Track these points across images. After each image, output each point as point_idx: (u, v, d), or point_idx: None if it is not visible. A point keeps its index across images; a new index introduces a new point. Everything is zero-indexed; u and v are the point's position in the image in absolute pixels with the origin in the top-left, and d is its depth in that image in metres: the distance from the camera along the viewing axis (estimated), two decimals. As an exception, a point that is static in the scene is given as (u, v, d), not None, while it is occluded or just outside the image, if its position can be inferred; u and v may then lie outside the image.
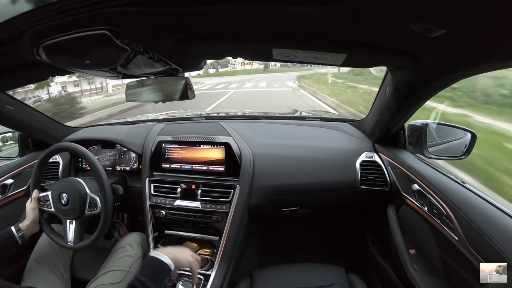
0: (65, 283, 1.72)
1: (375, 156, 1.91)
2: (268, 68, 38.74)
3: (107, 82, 25.28)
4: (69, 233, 1.68)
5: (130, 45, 0.86)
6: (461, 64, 1.00)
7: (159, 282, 1.16)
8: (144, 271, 1.18)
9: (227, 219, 1.81)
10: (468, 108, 5.02)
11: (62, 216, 1.67)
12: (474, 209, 1.18)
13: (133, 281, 1.12)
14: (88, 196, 1.65)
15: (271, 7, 0.70)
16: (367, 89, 11.59)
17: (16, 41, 0.88)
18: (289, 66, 35.18)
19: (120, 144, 2.18)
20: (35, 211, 1.66)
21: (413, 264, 1.53)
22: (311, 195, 1.95)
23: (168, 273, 1.21)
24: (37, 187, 1.73)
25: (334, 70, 19.45)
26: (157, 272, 1.18)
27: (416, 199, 1.54)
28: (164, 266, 1.20)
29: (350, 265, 1.84)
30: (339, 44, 0.90)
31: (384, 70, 1.53)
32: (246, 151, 1.92)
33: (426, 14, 0.68)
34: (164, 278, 1.20)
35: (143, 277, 1.14)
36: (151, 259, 1.23)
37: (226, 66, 46.30)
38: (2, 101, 1.76)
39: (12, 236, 1.54)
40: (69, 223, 1.68)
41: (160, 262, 1.21)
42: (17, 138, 2.25)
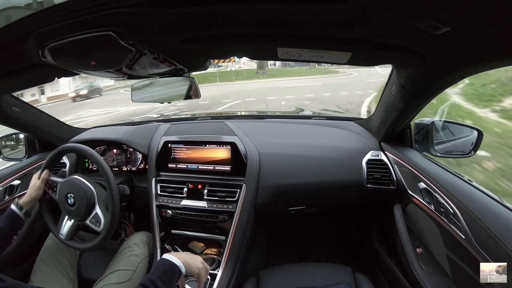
0: (72, 283, 1.73)
1: (381, 155, 1.90)
2: (264, 70, 25.25)
3: (42, 94, 24.58)
4: (64, 226, 1.71)
5: (135, 45, 0.87)
6: (467, 61, 0.99)
7: (169, 283, 1.16)
8: (155, 271, 1.19)
9: (234, 219, 1.81)
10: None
11: (63, 211, 1.70)
12: (481, 207, 1.17)
13: (144, 281, 1.12)
14: (95, 211, 1.65)
15: (276, 6, 0.70)
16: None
17: (22, 43, 0.88)
18: (292, 66, 28.16)
19: (126, 145, 2.19)
20: (39, 191, 1.69)
21: (419, 263, 1.53)
22: (317, 194, 1.95)
23: (178, 276, 1.22)
24: (49, 169, 1.74)
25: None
26: (167, 274, 1.18)
27: (422, 197, 1.54)
28: (174, 268, 1.20)
29: (356, 264, 1.83)
30: (344, 43, 0.90)
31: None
32: (252, 151, 1.93)
33: (430, 11, 0.67)
34: (174, 280, 1.20)
35: (153, 276, 1.14)
36: (162, 261, 1.23)
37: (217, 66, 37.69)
38: (9, 103, 1.77)
39: (16, 215, 1.56)
40: (68, 218, 1.70)
41: (171, 264, 1.21)
42: (23, 140, 2.27)
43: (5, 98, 1.72)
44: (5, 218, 1.54)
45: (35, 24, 0.79)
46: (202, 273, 1.30)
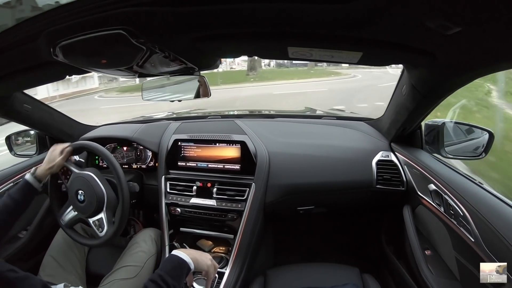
0: (80, 278, 1.75)
1: (391, 156, 1.89)
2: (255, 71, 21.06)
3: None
4: (67, 214, 1.74)
5: (146, 44, 0.88)
6: (479, 62, 0.98)
7: (178, 279, 1.17)
8: (165, 267, 1.19)
9: (242, 217, 1.82)
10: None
11: (71, 202, 1.72)
12: (491, 210, 1.16)
13: (153, 276, 1.13)
14: (101, 215, 1.67)
15: (287, 5, 0.70)
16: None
17: (33, 41, 0.89)
18: (287, 66, 25.31)
19: (137, 142, 2.20)
20: (58, 168, 1.69)
21: (428, 265, 1.52)
22: (326, 194, 1.95)
23: (187, 272, 1.22)
24: (74, 151, 1.76)
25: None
26: (176, 269, 1.19)
27: (432, 199, 1.52)
28: (184, 264, 1.21)
29: (364, 265, 1.82)
30: (355, 42, 0.89)
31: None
32: (262, 150, 1.93)
33: (441, 11, 0.67)
34: (182, 276, 1.20)
35: (162, 272, 1.15)
36: (172, 257, 1.24)
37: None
38: (20, 100, 1.79)
39: (31, 187, 1.55)
40: (72, 209, 1.73)
41: (181, 261, 1.21)
42: (35, 136, 2.29)
43: (17, 95, 1.74)
44: (19, 189, 1.54)
45: (46, 22, 0.80)
46: (210, 270, 1.30)
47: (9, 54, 0.99)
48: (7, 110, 1.75)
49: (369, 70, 18.33)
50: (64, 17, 0.77)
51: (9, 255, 1.91)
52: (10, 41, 0.90)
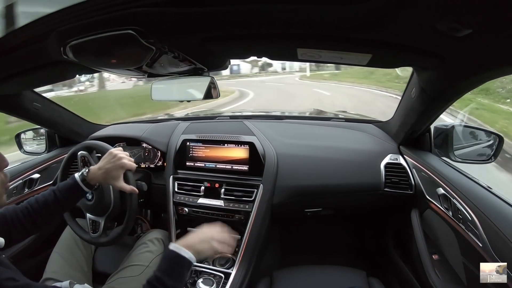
0: (85, 275, 1.76)
1: (400, 159, 1.88)
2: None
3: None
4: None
5: (156, 44, 0.88)
6: (489, 65, 0.98)
7: (178, 278, 1.14)
8: (162, 266, 1.16)
9: (250, 218, 1.81)
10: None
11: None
12: (500, 215, 1.15)
13: (150, 278, 1.10)
14: (99, 220, 1.71)
15: (296, 6, 0.70)
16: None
17: (43, 41, 0.90)
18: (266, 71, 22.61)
19: (145, 142, 2.21)
20: (129, 168, 1.59)
21: (435, 270, 1.51)
22: (334, 197, 1.94)
23: (189, 267, 1.18)
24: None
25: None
26: (175, 267, 1.16)
27: (440, 203, 1.51)
28: (183, 260, 1.17)
29: (371, 268, 1.81)
30: (364, 44, 0.89)
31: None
32: (270, 151, 1.92)
33: (452, 13, 0.67)
34: (183, 273, 1.17)
35: (160, 272, 1.12)
36: (169, 254, 1.19)
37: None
38: (30, 99, 1.81)
39: (80, 188, 1.44)
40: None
41: (179, 256, 1.17)
42: (44, 134, 2.32)
43: (26, 93, 1.76)
44: (68, 190, 1.43)
45: (57, 22, 0.81)
46: (219, 249, 1.28)
47: (19, 53, 1.00)
48: (16, 108, 1.78)
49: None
50: (75, 16, 0.78)
51: (17, 251, 1.93)
52: (20, 40, 0.91)
